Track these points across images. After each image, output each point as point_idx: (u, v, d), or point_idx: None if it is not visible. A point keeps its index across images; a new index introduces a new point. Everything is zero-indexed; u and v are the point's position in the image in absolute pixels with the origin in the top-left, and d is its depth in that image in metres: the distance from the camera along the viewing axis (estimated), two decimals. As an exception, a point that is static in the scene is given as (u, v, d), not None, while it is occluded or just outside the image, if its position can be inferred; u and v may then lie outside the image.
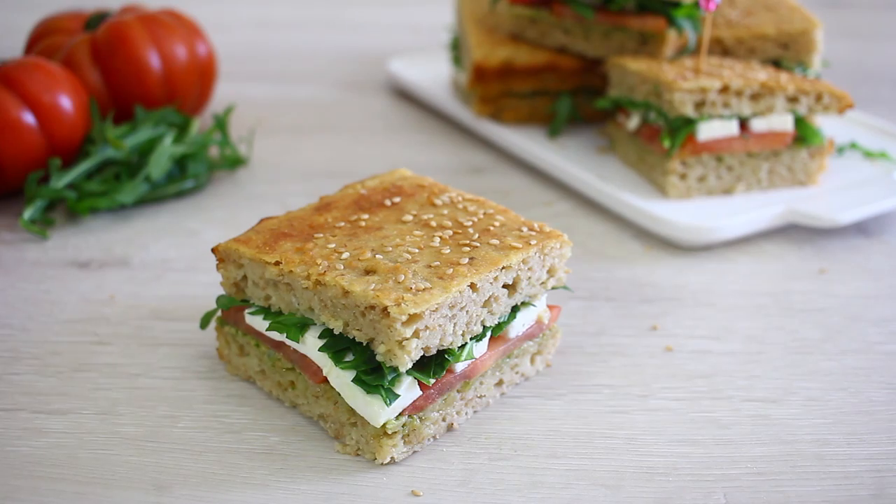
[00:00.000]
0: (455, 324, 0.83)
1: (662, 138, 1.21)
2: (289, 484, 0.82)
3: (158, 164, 1.23)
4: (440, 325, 0.82)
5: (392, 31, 1.91)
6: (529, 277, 0.89)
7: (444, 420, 0.88)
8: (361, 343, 0.82)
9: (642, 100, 1.26)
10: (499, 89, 1.41)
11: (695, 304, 1.08)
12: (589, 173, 1.29)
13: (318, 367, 0.85)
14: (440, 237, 0.88)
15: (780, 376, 0.96)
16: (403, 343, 0.79)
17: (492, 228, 0.90)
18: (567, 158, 1.33)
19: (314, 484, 0.82)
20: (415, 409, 0.84)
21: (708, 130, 1.21)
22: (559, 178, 1.32)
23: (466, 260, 0.85)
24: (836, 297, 1.09)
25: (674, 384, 0.95)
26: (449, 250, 0.86)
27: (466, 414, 0.90)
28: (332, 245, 0.87)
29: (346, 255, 0.85)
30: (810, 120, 1.24)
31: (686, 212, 1.20)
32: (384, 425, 0.82)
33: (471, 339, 0.86)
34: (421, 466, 0.84)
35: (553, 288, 0.93)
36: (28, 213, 1.18)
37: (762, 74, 1.23)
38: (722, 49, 1.34)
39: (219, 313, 0.95)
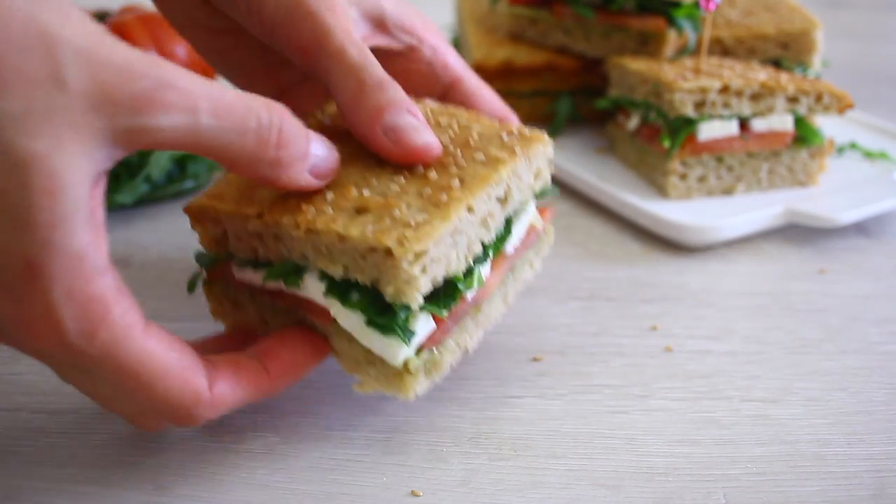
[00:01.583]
0: (457, 250, 0.80)
1: (662, 138, 1.21)
2: (289, 484, 0.82)
3: (158, 164, 1.24)
4: (445, 255, 0.78)
5: (392, 31, 1.90)
6: (519, 185, 0.87)
7: (459, 347, 0.86)
8: (366, 284, 0.79)
9: (642, 100, 1.26)
10: (499, 89, 1.41)
11: (695, 304, 1.08)
12: (589, 173, 1.29)
13: (324, 308, 0.81)
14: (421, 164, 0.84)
15: (779, 376, 0.96)
16: (411, 281, 0.75)
17: (472, 142, 0.86)
18: (567, 158, 1.33)
19: (314, 484, 0.82)
20: (432, 342, 0.82)
21: (708, 130, 1.21)
22: (559, 178, 1.32)
23: (457, 182, 0.81)
24: (836, 297, 1.09)
25: (674, 384, 0.95)
26: (436, 175, 0.82)
27: (478, 336, 0.89)
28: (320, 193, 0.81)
29: (330, 195, 0.80)
30: (810, 120, 1.24)
31: (686, 212, 1.20)
32: (405, 364, 0.80)
33: (474, 262, 0.83)
34: (421, 466, 0.84)
35: (541, 193, 0.91)
36: (28, 213, 1.18)
37: (762, 74, 1.23)
38: (722, 49, 1.34)
39: (204, 274, 0.91)
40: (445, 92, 0.99)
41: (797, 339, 1.02)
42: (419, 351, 0.81)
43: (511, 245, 0.89)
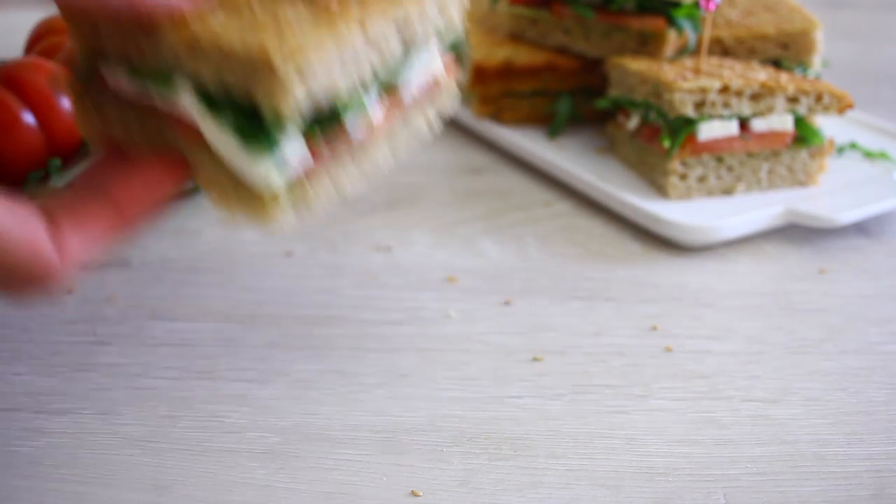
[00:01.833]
0: (344, 70, 0.74)
1: (662, 138, 1.21)
2: (289, 484, 0.82)
3: (158, 164, 1.23)
4: (327, 71, 0.72)
5: (392, 31, 1.90)
6: (422, 15, 0.81)
7: (335, 188, 0.80)
8: (241, 101, 0.72)
9: (642, 100, 1.26)
10: (499, 89, 1.41)
11: (695, 304, 1.08)
12: (589, 173, 1.29)
13: (194, 125, 0.74)
14: None
15: (780, 376, 0.96)
16: (286, 85, 0.69)
17: None
18: (567, 158, 1.33)
19: (314, 484, 0.82)
20: (306, 174, 0.76)
21: (708, 130, 1.21)
22: (559, 178, 1.32)
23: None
24: (836, 297, 1.09)
25: (674, 384, 0.95)
26: None
27: (359, 183, 0.82)
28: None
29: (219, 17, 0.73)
30: (810, 120, 1.24)
31: (686, 212, 1.20)
32: (272, 189, 0.74)
33: (362, 91, 0.78)
34: (421, 466, 0.84)
35: (451, 44, 0.87)
36: (28, 213, 1.18)
37: (762, 74, 1.23)
38: (722, 49, 1.34)
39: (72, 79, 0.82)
40: None
41: (797, 339, 1.02)
42: (292, 182, 0.75)
43: (406, 89, 0.83)
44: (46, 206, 0.69)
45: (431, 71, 0.86)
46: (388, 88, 0.82)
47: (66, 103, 1.21)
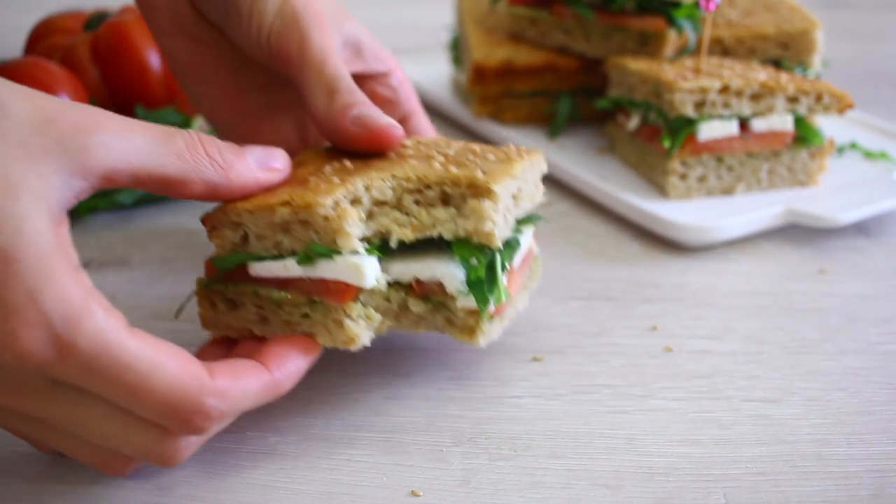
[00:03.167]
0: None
1: (662, 138, 1.21)
2: (289, 484, 0.82)
3: (158, 164, 1.23)
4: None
5: (392, 31, 1.90)
6: (525, 190, 0.91)
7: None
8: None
9: (642, 100, 1.26)
10: (499, 89, 1.41)
11: (695, 304, 1.08)
12: (589, 173, 1.29)
13: (346, 285, 0.83)
14: (439, 163, 0.87)
15: (780, 376, 0.96)
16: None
17: (477, 152, 0.91)
18: (567, 158, 1.34)
19: (314, 484, 0.82)
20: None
21: (708, 130, 1.21)
22: (559, 178, 1.32)
23: (480, 174, 0.85)
24: (836, 297, 1.09)
25: (674, 384, 0.95)
26: (456, 169, 0.86)
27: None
28: (336, 180, 0.84)
29: (360, 184, 0.84)
30: (810, 120, 1.24)
31: (686, 212, 1.20)
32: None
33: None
34: (421, 466, 0.84)
35: (533, 217, 0.95)
36: (28, 213, 1.18)
37: (762, 74, 1.23)
38: (722, 49, 1.34)
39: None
40: (400, 122, 1.04)
41: (797, 339, 1.02)
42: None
43: (518, 258, 0.92)
44: (206, 363, 0.76)
45: (530, 237, 0.97)
46: (509, 256, 0.90)
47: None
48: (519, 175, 0.88)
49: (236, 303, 0.89)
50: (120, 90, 1.31)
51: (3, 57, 1.31)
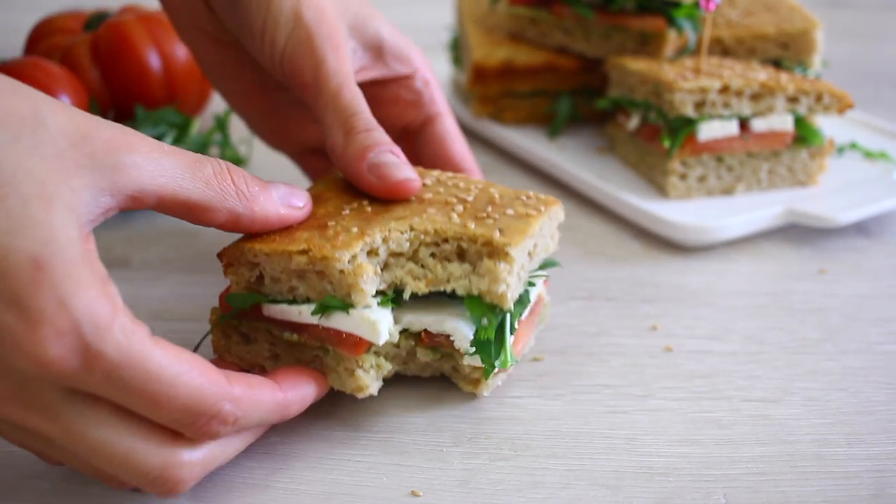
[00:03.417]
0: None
1: (662, 138, 1.21)
2: (289, 484, 0.82)
3: (158, 164, 1.23)
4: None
5: (392, 31, 1.90)
6: (541, 243, 0.92)
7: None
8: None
9: (642, 100, 1.26)
10: (499, 89, 1.41)
11: (695, 304, 1.08)
12: (589, 173, 1.29)
13: (359, 337, 0.83)
14: (456, 213, 0.88)
15: (780, 376, 0.96)
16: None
17: (496, 200, 0.91)
18: (567, 158, 1.33)
19: (314, 484, 0.82)
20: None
21: (708, 130, 1.21)
22: (559, 178, 1.32)
23: (497, 234, 0.85)
24: (836, 297, 1.09)
25: (674, 384, 0.95)
26: (474, 225, 0.86)
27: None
28: (355, 229, 0.85)
29: (378, 236, 0.85)
30: (810, 120, 1.24)
31: (686, 212, 1.20)
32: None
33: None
34: (421, 466, 0.84)
35: (549, 265, 0.96)
36: (28, 213, 1.18)
37: (762, 74, 1.23)
38: (722, 49, 1.34)
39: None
40: (424, 124, 1.05)
41: (797, 339, 1.02)
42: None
43: (527, 310, 0.93)
44: (223, 370, 0.76)
45: (541, 284, 0.96)
46: (520, 311, 0.91)
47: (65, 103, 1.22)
48: (536, 233, 0.89)
49: (250, 337, 0.90)
50: (120, 90, 1.31)
51: (3, 57, 1.31)
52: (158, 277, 1.12)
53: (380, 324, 0.83)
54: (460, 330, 0.87)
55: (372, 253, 0.85)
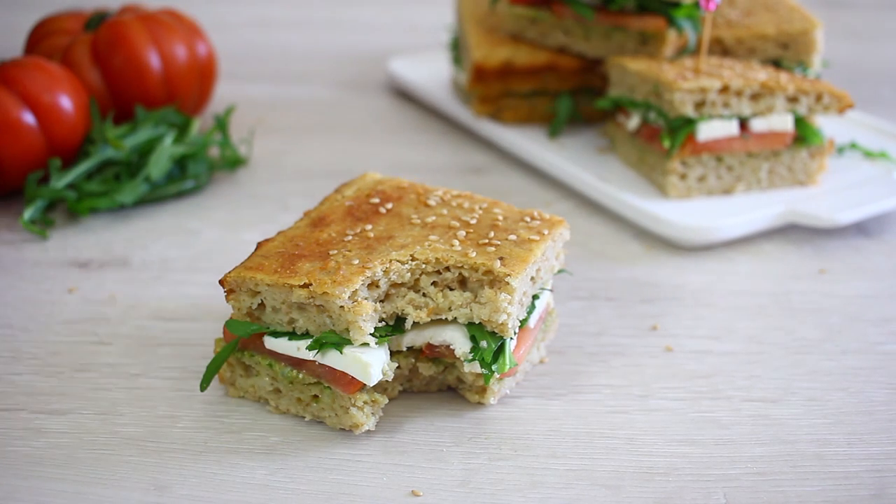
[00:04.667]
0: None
1: (662, 138, 1.21)
2: (289, 484, 0.82)
3: (158, 165, 1.23)
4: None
5: (392, 31, 1.90)
6: (545, 266, 0.92)
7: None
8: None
9: (642, 100, 1.26)
10: (499, 89, 1.41)
11: (695, 304, 1.08)
12: (589, 173, 1.29)
13: (352, 377, 0.84)
14: (458, 240, 0.89)
15: (780, 376, 0.96)
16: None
17: (499, 223, 0.91)
18: (567, 158, 1.33)
19: (314, 484, 0.82)
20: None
21: (708, 130, 1.21)
22: (559, 178, 1.32)
23: (499, 264, 0.86)
24: (836, 297, 1.09)
25: (674, 384, 0.95)
26: (475, 253, 0.87)
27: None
28: (356, 262, 0.86)
29: (379, 269, 0.85)
30: (810, 120, 1.24)
31: (686, 212, 1.20)
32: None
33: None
34: (421, 466, 0.84)
35: (559, 272, 0.97)
36: (28, 214, 1.18)
37: (762, 74, 1.23)
38: (722, 49, 1.34)
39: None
40: None
41: (797, 339, 1.02)
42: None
43: (533, 320, 0.93)
44: None
45: (547, 297, 0.97)
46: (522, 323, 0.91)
47: (66, 103, 1.22)
48: (539, 259, 0.89)
49: (252, 371, 0.91)
50: (120, 90, 1.31)
51: (3, 57, 1.31)
52: (158, 277, 1.12)
53: (371, 367, 0.84)
54: (459, 338, 0.87)
55: (373, 285, 0.86)
